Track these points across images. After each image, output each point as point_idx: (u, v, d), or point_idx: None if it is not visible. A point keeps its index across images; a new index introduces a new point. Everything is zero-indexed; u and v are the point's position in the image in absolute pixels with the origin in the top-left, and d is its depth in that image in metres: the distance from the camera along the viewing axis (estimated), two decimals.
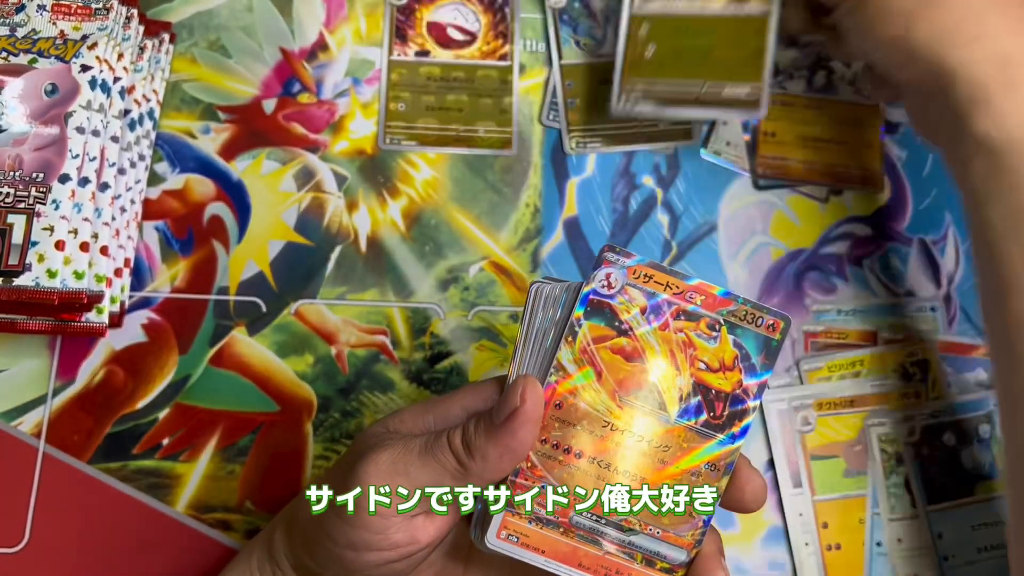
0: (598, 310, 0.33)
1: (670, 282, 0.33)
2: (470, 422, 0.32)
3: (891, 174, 0.52)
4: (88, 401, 0.46)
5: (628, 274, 0.33)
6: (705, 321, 0.33)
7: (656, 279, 0.33)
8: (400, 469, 0.32)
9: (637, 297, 0.33)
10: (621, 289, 0.33)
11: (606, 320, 0.33)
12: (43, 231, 0.41)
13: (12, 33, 0.45)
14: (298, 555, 0.35)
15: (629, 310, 0.33)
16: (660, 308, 0.33)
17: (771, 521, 0.47)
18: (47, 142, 0.42)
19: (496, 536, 0.33)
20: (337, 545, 0.33)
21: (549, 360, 0.33)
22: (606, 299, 0.33)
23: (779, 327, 0.33)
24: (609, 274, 0.33)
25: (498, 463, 0.31)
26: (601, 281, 0.33)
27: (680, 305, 0.33)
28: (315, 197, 0.50)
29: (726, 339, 0.33)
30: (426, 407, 0.36)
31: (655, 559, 0.33)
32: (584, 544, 0.33)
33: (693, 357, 0.33)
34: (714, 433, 0.33)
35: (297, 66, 0.52)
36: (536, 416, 0.31)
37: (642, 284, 0.33)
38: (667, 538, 0.33)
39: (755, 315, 0.33)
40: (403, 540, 0.32)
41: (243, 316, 0.48)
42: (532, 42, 0.53)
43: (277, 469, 0.46)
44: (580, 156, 0.51)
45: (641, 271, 0.33)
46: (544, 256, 0.50)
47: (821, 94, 0.53)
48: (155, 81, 0.49)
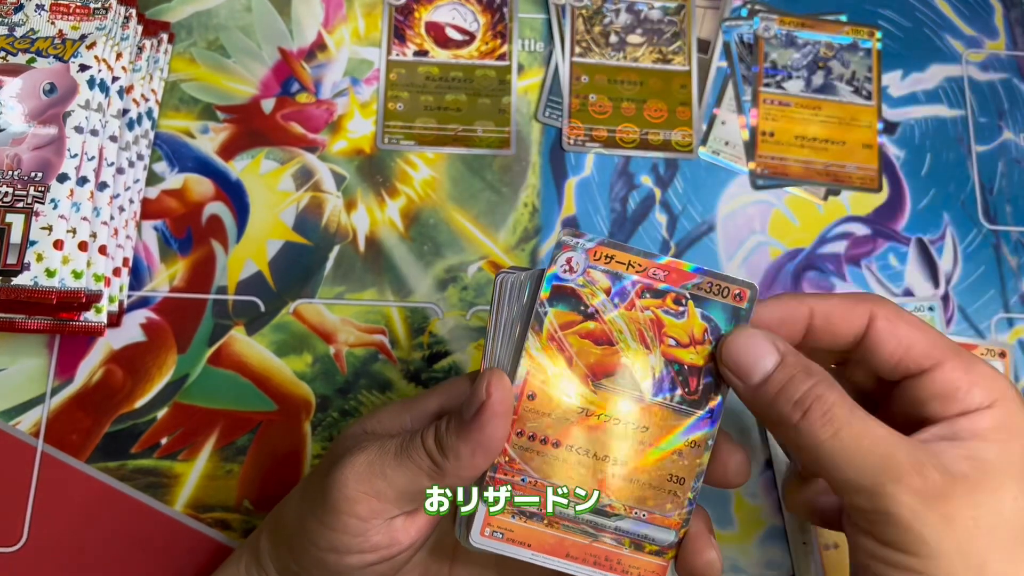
0: (562, 296, 0.32)
1: (632, 260, 0.32)
2: (442, 421, 0.32)
3: (889, 174, 0.52)
4: (86, 400, 0.46)
5: (588, 256, 0.32)
6: (671, 297, 0.32)
7: (618, 259, 0.32)
8: (377, 471, 0.32)
9: (600, 279, 0.32)
10: (583, 272, 0.32)
11: (571, 305, 0.32)
12: (41, 230, 0.41)
13: (10, 33, 0.45)
14: (283, 559, 0.35)
15: (594, 293, 0.32)
16: (624, 288, 0.32)
17: (769, 521, 0.47)
18: (45, 141, 0.42)
19: (480, 534, 0.33)
20: (319, 549, 0.33)
21: (519, 351, 0.33)
22: (569, 284, 0.32)
23: (746, 295, 0.32)
24: (570, 258, 0.32)
25: (471, 460, 0.31)
26: (562, 266, 0.32)
27: (644, 283, 0.32)
28: (314, 197, 0.50)
29: (693, 313, 0.32)
30: (403, 406, 0.36)
31: (643, 542, 0.33)
32: (570, 534, 0.33)
33: (662, 334, 0.32)
34: (692, 409, 0.32)
35: (296, 66, 0.52)
36: (504, 409, 0.31)
37: (604, 265, 0.32)
38: (653, 520, 0.32)
39: (720, 286, 0.32)
40: (383, 542, 0.32)
41: (242, 316, 0.48)
42: (530, 42, 0.53)
43: (275, 468, 0.46)
44: (579, 155, 0.51)
45: (602, 252, 0.32)
46: (542, 256, 0.50)
47: (819, 94, 0.53)
48: (154, 81, 0.49)
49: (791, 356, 0.31)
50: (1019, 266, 0.51)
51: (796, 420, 0.30)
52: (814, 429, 0.30)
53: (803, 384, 0.30)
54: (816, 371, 0.31)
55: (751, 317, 0.32)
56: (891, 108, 0.54)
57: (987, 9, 0.56)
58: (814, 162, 0.52)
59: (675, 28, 0.54)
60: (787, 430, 0.30)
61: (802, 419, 0.30)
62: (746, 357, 0.31)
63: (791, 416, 0.30)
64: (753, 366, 0.31)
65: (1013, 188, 0.53)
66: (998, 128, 0.54)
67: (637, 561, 0.33)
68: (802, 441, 0.30)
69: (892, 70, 0.54)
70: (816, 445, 0.29)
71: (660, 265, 0.32)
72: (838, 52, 0.54)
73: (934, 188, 0.52)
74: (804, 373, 0.31)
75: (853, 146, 0.52)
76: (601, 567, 0.33)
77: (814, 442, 0.30)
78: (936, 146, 0.53)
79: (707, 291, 0.32)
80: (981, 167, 0.53)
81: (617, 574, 0.33)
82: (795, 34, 0.54)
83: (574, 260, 0.32)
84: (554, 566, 0.33)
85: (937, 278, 0.51)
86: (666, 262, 0.32)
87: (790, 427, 0.30)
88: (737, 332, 0.32)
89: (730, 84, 0.54)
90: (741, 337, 0.32)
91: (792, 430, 0.30)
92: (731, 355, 0.31)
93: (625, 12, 0.54)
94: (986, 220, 0.52)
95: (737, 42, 0.54)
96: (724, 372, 0.32)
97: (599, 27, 0.54)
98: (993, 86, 0.55)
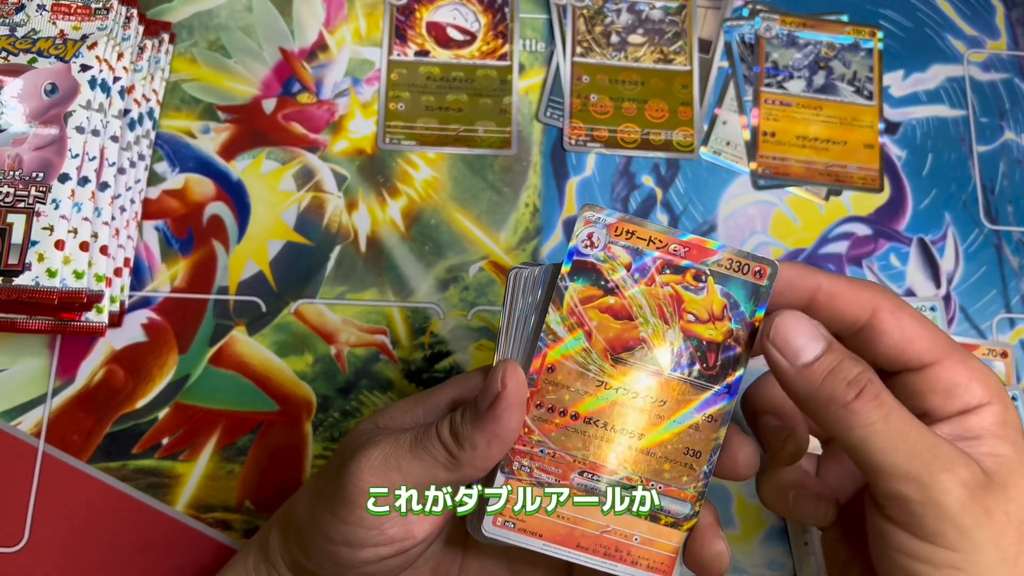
0: (583, 270, 0.32)
1: (652, 236, 0.33)
2: (456, 412, 0.32)
3: (890, 174, 0.52)
4: (88, 400, 0.46)
5: (609, 231, 0.33)
6: (691, 273, 0.33)
7: (638, 234, 0.33)
8: (392, 464, 0.32)
9: (620, 254, 0.33)
10: (604, 247, 0.33)
11: (592, 280, 0.32)
12: (43, 230, 0.41)
13: (12, 33, 0.45)
14: (294, 555, 0.35)
15: (614, 268, 0.32)
16: (645, 263, 0.33)
17: (770, 521, 0.46)
18: (47, 142, 0.42)
19: (492, 524, 0.33)
20: (332, 543, 0.33)
21: (532, 344, 0.33)
22: (590, 258, 0.33)
23: (766, 273, 0.33)
24: (591, 233, 0.33)
25: (487, 450, 0.31)
26: (583, 240, 0.33)
27: (665, 259, 0.33)
28: (315, 197, 0.50)
29: (713, 289, 0.33)
30: (415, 401, 0.36)
31: (659, 514, 0.33)
32: (580, 524, 0.33)
33: (682, 310, 0.32)
34: (709, 384, 0.33)
35: (297, 66, 0.52)
36: (519, 400, 0.31)
37: (625, 240, 0.33)
38: (669, 492, 0.33)
39: (741, 263, 0.33)
40: (399, 535, 0.32)
41: (243, 316, 0.48)
42: (531, 42, 0.53)
43: (277, 469, 0.46)
44: (580, 155, 0.51)
45: (623, 227, 0.33)
46: (544, 256, 0.50)
47: (821, 94, 0.53)
48: (155, 81, 0.49)
49: (836, 343, 0.32)
50: (1020, 266, 0.51)
51: (849, 399, 0.30)
52: (867, 410, 0.30)
53: (854, 368, 0.30)
54: (861, 360, 0.31)
55: (771, 295, 0.33)
56: (892, 108, 0.54)
57: (988, 9, 0.56)
58: (815, 162, 0.52)
59: (676, 28, 0.54)
60: (836, 410, 0.30)
61: (856, 399, 0.30)
62: (796, 338, 0.31)
63: (844, 395, 0.30)
64: (803, 347, 0.31)
65: (1014, 188, 0.53)
66: (999, 128, 0.54)
67: (647, 552, 0.33)
68: (853, 421, 0.30)
69: (893, 70, 0.54)
70: (867, 425, 0.29)
71: (681, 241, 0.33)
72: (839, 52, 0.54)
73: (935, 188, 0.52)
74: (852, 358, 0.31)
75: (854, 146, 0.52)
76: (611, 558, 0.33)
77: (865, 423, 0.29)
78: (937, 146, 0.53)
79: (727, 268, 0.33)
80: (982, 167, 0.53)
81: (627, 565, 0.33)
82: (796, 34, 0.54)
83: (595, 235, 0.33)
84: (564, 556, 0.33)
85: (938, 278, 0.51)
86: (688, 239, 0.33)
87: (840, 407, 0.30)
88: (786, 313, 0.32)
89: (731, 84, 0.54)
90: (791, 319, 0.31)
91: (843, 410, 0.30)
92: (780, 335, 0.31)
93: (626, 12, 0.54)
94: (987, 220, 0.52)
95: (738, 42, 0.54)
96: (769, 351, 0.31)
97: (600, 27, 0.54)
98: (994, 86, 0.55)
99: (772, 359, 0.32)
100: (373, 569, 0.33)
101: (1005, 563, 0.28)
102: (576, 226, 0.33)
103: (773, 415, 0.36)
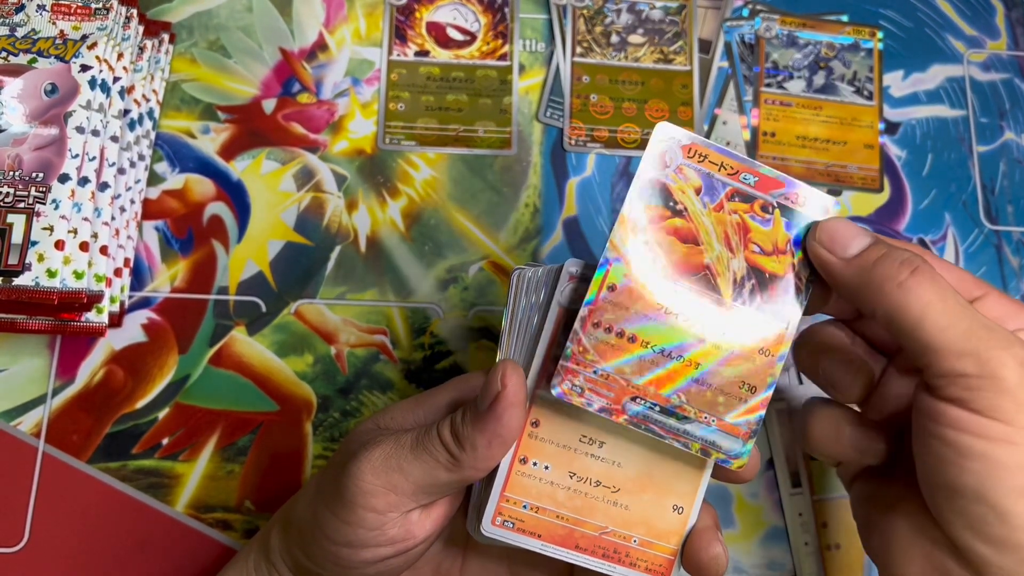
0: (654, 189, 0.32)
1: (724, 162, 0.32)
2: (457, 413, 0.32)
3: (890, 174, 0.52)
4: (88, 401, 0.46)
5: (683, 152, 0.32)
6: (759, 203, 0.32)
7: (711, 158, 0.32)
8: (393, 465, 0.32)
9: (692, 176, 0.32)
10: (676, 168, 0.32)
11: (661, 200, 0.32)
12: (43, 231, 0.41)
13: (12, 33, 0.45)
14: (295, 555, 0.35)
15: (684, 190, 0.32)
16: (715, 189, 0.32)
17: (770, 521, 0.47)
18: (47, 142, 0.42)
19: (491, 523, 0.33)
20: (334, 543, 0.33)
21: (534, 344, 0.33)
22: (661, 178, 0.32)
23: (829, 210, 0.33)
24: (664, 152, 0.32)
25: (488, 450, 0.31)
26: (657, 160, 0.32)
27: (734, 186, 0.32)
28: (315, 197, 0.50)
29: (779, 222, 0.32)
30: (415, 402, 0.36)
31: (710, 449, 0.32)
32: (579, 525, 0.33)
33: (747, 240, 0.32)
34: (769, 318, 0.32)
35: (297, 66, 0.52)
36: (519, 399, 0.31)
37: (697, 163, 0.32)
38: (723, 427, 0.32)
39: (807, 198, 0.32)
40: (399, 536, 0.32)
41: (243, 316, 0.48)
42: (531, 42, 0.53)
43: (277, 469, 0.46)
44: (580, 156, 0.51)
45: (696, 150, 0.32)
46: (544, 256, 0.50)
47: (820, 94, 0.53)
48: (155, 81, 0.49)
49: (883, 237, 0.32)
50: (1020, 266, 0.51)
51: (904, 277, 0.30)
52: (923, 287, 0.30)
53: (905, 251, 0.31)
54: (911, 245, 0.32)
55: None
56: (892, 108, 0.54)
57: (988, 9, 0.56)
58: (815, 162, 0.52)
59: (676, 28, 0.54)
60: (892, 290, 0.30)
61: (911, 276, 0.30)
62: (843, 233, 0.32)
63: (899, 273, 0.30)
64: (851, 240, 0.31)
65: (1015, 188, 0.53)
66: (999, 128, 0.54)
67: (645, 554, 0.33)
68: (910, 299, 0.30)
69: (893, 70, 0.54)
70: (924, 304, 0.30)
71: (753, 170, 0.32)
72: (839, 52, 0.54)
73: (935, 188, 0.52)
74: (901, 246, 0.31)
75: (854, 146, 0.52)
76: (610, 559, 0.33)
77: (922, 300, 0.30)
78: (937, 146, 0.53)
79: (794, 202, 0.32)
80: (982, 167, 0.53)
81: (625, 567, 0.33)
82: (796, 34, 0.54)
83: (668, 155, 0.32)
84: (563, 557, 0.33)
85: None
86: (759, 169, 0.32)
87: (896, 285, 0.30)
88: (831, 218, 0.32)
89: (731, 84, 0.54)
90: (837, 221, 0.32)
91: (899, 289, 0.30)
92: (827, 233, 0.32)
93: (626, 12, 0.54)
94: (987, 220, 0.52)
95: (738, 42, 0.54)
96: (816, 250, 0.32)
97: (600, 27, 0.54)
98: (994, 86, 0.55)
99: (821, 257, 0.32)
100: (374, 570, 0.33)
101: None
102: (649, 144, 0.32)
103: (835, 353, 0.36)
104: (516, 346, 0.33)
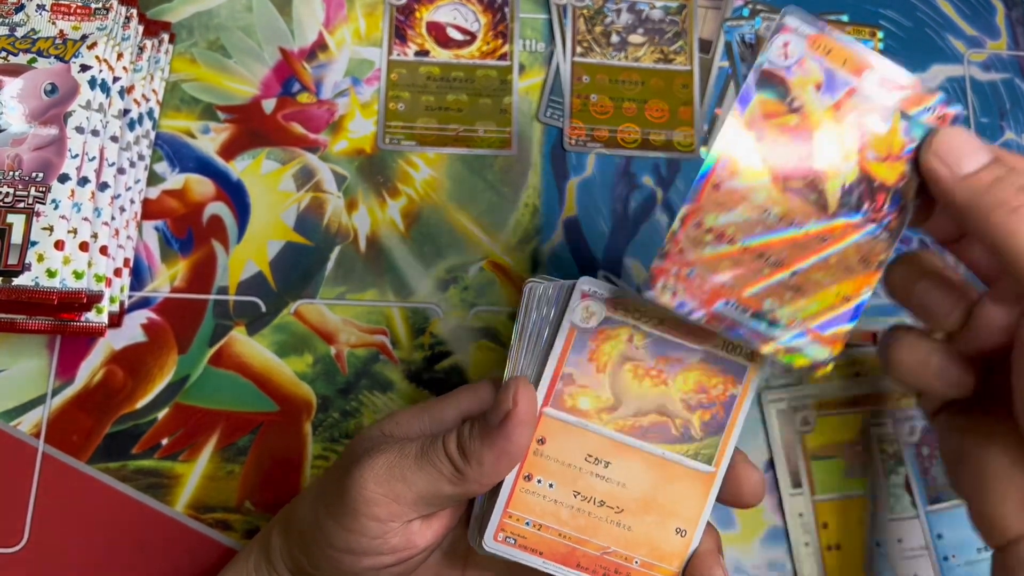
0: (771, 82, 0.30)
1: (848, 58, 0.30)
2: (464, 426, 0.32)
3: None
4: (87, 401, 0.46)
5: (807, 44, 0.30)
6: (879, 105, 0.30)
7: (836, 52, 0.30)
8: (396, 475, 0.32)
9: (813, 71, 0.30)
10: (798, 60, 0.30)
11: (778, 94, 0.30)
12: (42, 231, 0.41)
13: (11, 33, 0.45)
14: (296, 557, 0.35)
15: (803, 85, 0.30)
16: (836, 86, 0.30)
17: (771, 521, 0.46)
18: (46, 142, 0.42)
19: (493, 538, 0.33)
20: (335, 549, 0.33)
21: (543, 361, 0.33)
22: (781, 70, 0.30)
23: (948, 118, 0.31)
24: (787, 42, 0.30)
25: (494, 467, 0.31)
26: (778, 50, 0.30)
27: (855, 85, 0.30)
28: (314, 197, 0.50)
29: (897, 128, 0.30)
30: (421, 409, 0.36)
31: (796, 355, 0.31)
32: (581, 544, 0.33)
33: (863, 143, 0.30)
34: (873, 227, 0.31)
35: (296, 66, 0.52)
36: (530, 418, 0.31)
37: (822, 56, 0.30)
38: (813, 335, 0.31)
39: (929, 102, 0.31)
40: (400, 544, 0.32)
41: (242, 316, 0.48)
42: (532, 42, 0.53)
43: (276, 469, 0.46)
44: (580, 156, 0.51)
45: (822, 42, 0.30)
46: (544, 256, 0.50)
47: None
48: (154, 81, 0.49)
49: (1004, 155, 0.30)
50: None
51: (1019, 204, 0.28)
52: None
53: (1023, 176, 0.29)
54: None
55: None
56: None
57: (989, 9, 0.56)
58: None
59: (677, 28, 0.54)
60: (1002, 215, 0.28)
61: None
62: (961, 146, 0.30)
63: (1013, 199, 0.28)
64: (969, 155, 0.30)
65: None
66: (1000, 128, 0.54)
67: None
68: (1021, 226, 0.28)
69: None
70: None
71: (872, 65, 0.30)
72: None
73: None
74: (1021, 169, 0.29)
75: None
76: None
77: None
78: None
79: (915, 105, 0.31)
80: None
81: None
82: None
83: (791, 46, 0.30)
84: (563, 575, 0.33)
85: None
86: (885, 66, 0.30)
87: (1009, 211, 0.28)
88: (950, 128, 0.30)
89: (731, 84, 0.54)
90: (956, 131, 0.30)
91: (1012, 215, 0.28)
92: (944, 142, 0.30)
93: (626, 12, 0.54)
94: None
95: (739, 42, 0.54)
96: (930, 162, 0.30)
97: (600, 27, 0.54)
98: (995, 86, 0.55)
99: (934, 170, 0.30)
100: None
101: None
102: (772, 34, 0.30)
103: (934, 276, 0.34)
104: (525, 360, 0.33)
